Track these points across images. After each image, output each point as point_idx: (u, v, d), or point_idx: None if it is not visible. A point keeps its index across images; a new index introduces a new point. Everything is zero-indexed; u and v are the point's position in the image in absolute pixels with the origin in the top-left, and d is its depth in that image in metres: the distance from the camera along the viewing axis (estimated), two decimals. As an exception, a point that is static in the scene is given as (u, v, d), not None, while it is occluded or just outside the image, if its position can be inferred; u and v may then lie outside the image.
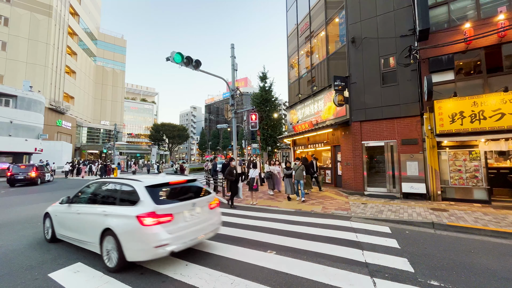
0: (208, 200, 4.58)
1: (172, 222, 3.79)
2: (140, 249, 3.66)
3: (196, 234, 4.11)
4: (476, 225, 5.72)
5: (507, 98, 7.31)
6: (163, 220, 3.70)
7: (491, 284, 3.29)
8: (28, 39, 31.90)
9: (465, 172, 8.37)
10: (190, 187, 4.61)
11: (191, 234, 4.02)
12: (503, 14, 7.84)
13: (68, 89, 38.70)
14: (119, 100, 56.13)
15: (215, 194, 4.98)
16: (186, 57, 8.96)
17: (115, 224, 3.81)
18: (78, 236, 4.55)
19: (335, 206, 8.14)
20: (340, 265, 3.87)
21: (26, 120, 23.57)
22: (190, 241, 4.01)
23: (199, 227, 4.18)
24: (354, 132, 10.57)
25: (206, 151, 72.41)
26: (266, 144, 23.38)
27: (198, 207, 4.31)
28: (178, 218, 3.91)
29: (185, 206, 4.09)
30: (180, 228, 3.87)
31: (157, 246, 3.57)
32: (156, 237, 3.59)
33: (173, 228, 3.78)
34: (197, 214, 4.24)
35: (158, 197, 3.92)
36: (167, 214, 3.77)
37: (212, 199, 4.69)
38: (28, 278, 3.69)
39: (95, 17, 52.88)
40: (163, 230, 3.66)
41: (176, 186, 4.39)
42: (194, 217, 4.17)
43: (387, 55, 9.99)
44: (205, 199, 4.51)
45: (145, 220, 3.60)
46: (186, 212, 4.07)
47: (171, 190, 4.26)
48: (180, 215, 3.97)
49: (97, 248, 4.08)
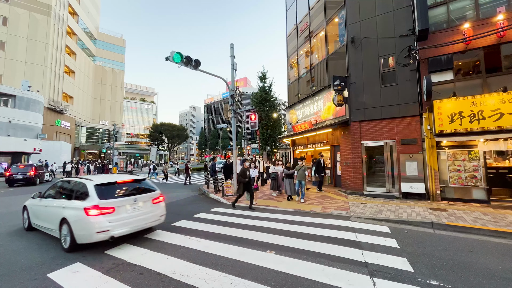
0: (151, 196, 5.42)
1: (113, 213, 4.65)
2: (85, 234, 4.50)
3: (137, 223, 4.98)
4: (475, 224, 5.73)
5: (506, 98, 7.33)
6: (105, 211, 4.57)
7: (490, 284, 3.30)
8: (27, 38, 31.81)
9: (464, 172, 8.39)
10: (135, 185, 5.47)
11: (132, 223, 4.88)
12: (502, 14, 7.86)
13: (67, 89, 38.61)
14: (118, 100, 56.05)
15: (158, 190, 5.86)
16: (186, 57, 8.96)
17: (69, 214, 4.72)
18: (45, 225, 5.42)
19: (334, 206, 8.14)
20: (339, 265, 3.87)
21: (25, 120, 23.50)
22: (131, 229, 4.85)
23: (140, 218, 5.02)
24: (353, 132, 10.57)
25: (205, 151, 72.37)
26: (266, 144, 23.39)
27: (141, 202, 5.15)
28: (120, 210, 4.77)
29: (127, 200, 4.94)
30: (121, 218, 4.73)
31: (98, 232, 4.45)
32: (98, 224, 4.46)
33: (114, 218, 4.64)
34: (139, 207, 5.09)
35: (103, 193, 4.78)
36: (109, 207, 4.64)
37: (156, 195, 5.55)
38: (26, 278, 3.68)
39: (94, 17, 52.77)
40: (105, 219, 4.53)
41: (122, 184, 5.25)
42: (136, 209, 5.01)
43: (387, 55, 10.00)
44: (148, 195, 5.37)
45: (90, 211, 4.48)
46: (128, 205, 4.93)
47: (117, 188, 5.09)
48: (122, 208, 4.82)
49: (58, 233, 4.95)
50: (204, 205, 9.09)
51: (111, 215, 4.63)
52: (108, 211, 4.62)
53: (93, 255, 4.49)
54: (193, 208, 8.66)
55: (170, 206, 9.01)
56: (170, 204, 9.52)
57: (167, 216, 7.40)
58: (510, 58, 8.06)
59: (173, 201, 10.04)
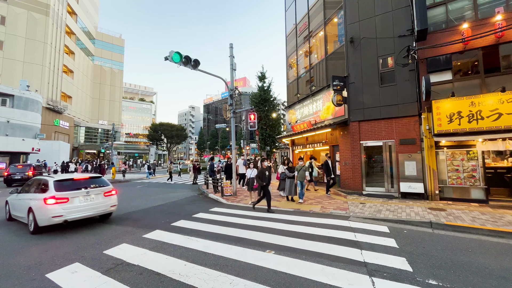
0: (103, 190, 6.59)
1: (67, 202, 5.84)
2: (44, 218, 5.66)
3: (89, 211, 6.16)
4: (473, 224, 5.75)
5: (505, 98, 7.36)
6: (60, 201, 5.76)
7: (488, 283, 3.31)
8: (25, 38, 31.68)
9: (462, 172, 8.42)
10: (91, 181, 6.65)
11: (84, 211, 6.07)
12: (501, 15, 7.88)
13: (65, 89, 38.48)
14: (117, 99, 55.91)
15: (111, 185, 6.94)
16: (185, 57, 8.95)
17: (33, 204, 5.87)
18: (19, 214, 6.58)
19: (333, 206, 8.15)
20: (338, 265, 3.88)
21: (23, 119, 23.41)
22: (83, 215, 6.05)
23: (92, 207, 6.21)
24: (352, 132, 10.59)
25: (204, 151, 72.31)
26: (265, 144, 23.40)
27: (93, 194, 6.32)
28: (74, 200, 5.97)
29: (80, 193, 6.11)
30: (74, 207, 5.92)
31: (54, 216, 5.64)
32: (53, 211, 5.65)
33: (68, 206, 5.83)
34: (91, 199, 6.26)
35: (60, 187, 5.99)
36: (64, 197, 5.84)
37: (108, 189, 6.68)
38: (25, 278, 3.66)
39: (93, 16, 52.62)
40: (59, 207, 5.72)
41: (78, 180, 6.45)
42: (88, 200, 6.20)
43: (386, 55, 10.02)
44: (100, 189, 6.54)
45: (47, 201, 5.68)
46: (81, 197, 6.11)
47: (72, 183, 6.28)
48: (76, 199, 6.01)
49: (26, 220, 6.12)
50: (203, 205, 9.08)
51: (66, 204, 5.82)
52: (63, 200, 5.80)
53: (92, 255, 4.48)
54: (192, 208, 8.65)
55: (169, 206, 9.02)
56: (169, 204, 9.52)
57: (167, 216, 7.43)
58: (509, 58, 8.09)
59: (172, 201, 10.04)
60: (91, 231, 6.00)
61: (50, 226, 5.83)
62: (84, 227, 6.40)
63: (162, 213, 7.93)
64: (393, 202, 8.60)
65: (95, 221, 6.96)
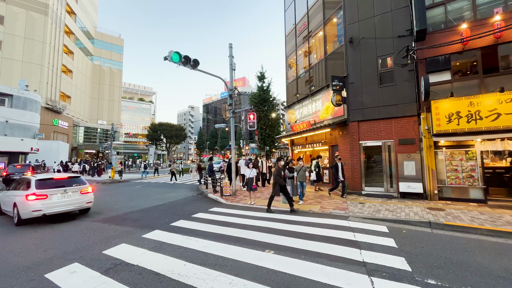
0: (80, 188, 7.37)
1: (46, 199, 6.63)
2: (25, 212, 6.46)
3: (66, 207, 6.94)
4: (472, 224, 5.77)
5: (503, 99, 7.38)
6: (40, 197, 6.55)
7: (487, 283, 3.32)
8: (24, 37, 31.56)
9: (461, 172, 8.44)
10: (69, 180, 7.41)
11: (61, 206, 6.85)
12: (499, 15, 7.91)
13: (64, 88, 38.36)
14: (116, 99, 55.75)
15: (88, 184, 7.75)
16: (184, 57, 8.94)
17: (17, 200, 6.70)
18: (7, 208, 7.45)
19: (333, 206, 8.16)
20: (338, 265, 3.88)
21: (22, 119, 23.32)
22: (60, 210, 6.84)
23: (69, 203, 7.00)
24: (351, 132, 10.60)
25: (204, 151, 72.25)
26: (264, 144, 23.39)
27: (70, 192, 7.12)
28: (52, 197, 6.75)
29: (58, 190, 6.89)
30: (52, 203, 6.70)
31: (34, 211, 6.44)
32: (33, 206, 6.45)
33: (47, 202, 6.62)
34: (68, 196, 7.05)
35: (41, 185, 6.78)
36: (43, 194, 6.61)
37: (84, 188, 7.47)
38: (24, 279, 3.66)
39: (92, 16, 52.49)
40: (39, 203, 6.51)
41: (58, 180, 7.26)
42: (65, 197, 6.99)
43: (385, 55, 10.04)
44: (77, 187, 7.33)
45: (28, 197, 6.48)
46: (59, 194, 6.89)
47: (52, 182, 7.07)
48: (54, 195, 6.79)
49: (12, 213, 6.97)
50: (203, 205, 9.08)
51: (45, 200, 6.61)
52: (42, 197, 6.59)
53: (91, 255, 4.48)
54: (192, 208, 8.65)
55: (168, 206, 9.01)
56: (168, 204, 9.51)
57: (166, 216, 7.43)
58: (507, 58, 8.11)
59: (171, 201, 10.03)
60: (90, 231, 5.99)
61: (32, 219, 6.67)
62: (83, 227, 6.40)
63: (161, 213, 7.92)
64: (392, 202, 8.62)
65: (95, 221, 6.96)
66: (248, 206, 8.67)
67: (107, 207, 9.07)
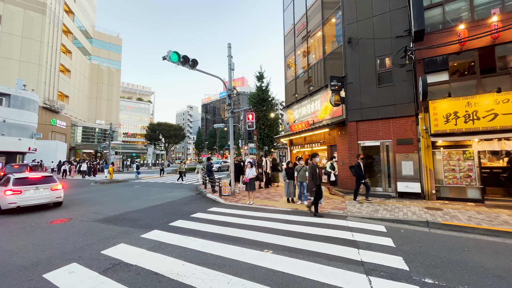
0: (50, 185, 8.77)
1: (21, 194, 8.11)
2: (3, 204, 7.99)
3: (37, 200, 8.40)
4: (469, 223, 5.80)
5: (500, 99, 7.43)
6: (15, 193, 8.04)
7: (484, 282, 3.35)
8: (21, 37, 31.42)
9: (459, 172, 8.49)
10: (42, 179, 8.85)
11: (34, 200, 8.32)
12: (497, 16, 7.96)
13: (62, 88, 38.23)
14: (114, 99, 55.63)
15: (58, 182, 9.11)
16: (183, 56, 8.94)
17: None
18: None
19: (331, 206, 8.18)
20: (336, 264, 3.90)
21: (20, 119, 23.20)
22: (33, 203, 8.31)
23: (40, 198, 8.47)
24: (350, 132, 10.63)
25: (202, 150, 72.15)
26: (263, 144, 23.39)
27: (42, 188, 8.56)
28: (26, 192, 8.20)
29: (30, 187, 8.34)
30: (26, 197, 8.17)
31: (10, 203, 7.93)
32: (10, 199, 7.95)
33: (21, 196, 8.11)
34: (40, 192, 8.50)
35: (17, 183, 8.32)
36: (18, 190, 8.11)
37: (54, 185, 8.88)
38: (22, 279, 3.65)
39: (90, 15, 52.31)
40: (14, 197, 8.00)
41: (32, 178, 8.67)
42: (37, 193, 8.44)
43: (383, 56, 10.07)
44: (48, 185, 8.73)
45: (6, 192, 7.99)
46: (32, 190, 8.34)
47: (27, 180, 8.53)
48: (28, 191, 8.24)
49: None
50: (202, 205, 9.08)
51: (20, 195, 8.10)
52: (17, 192, 8.09)
53: (89, 255, 4.47)
54: (190, 208, 8.65)
55: (167, 206, 9.00)
56: (167, 204, 9.50)
57: (164, 215, 7.43)
58: (504, 59, 8.16)
59: (170, 201, 10.02)
60: (89, 231, 5.98)
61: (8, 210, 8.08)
62: (82, 227, 6.38)
63: (160, 213, 7.91)
64: (390, 201, 8.65)
65: (93, 221, 6.96)
66: (247, 206, 8.68)
67: (105, 207, 9.06)
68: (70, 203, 9.97)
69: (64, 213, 8.17)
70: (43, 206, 8.91)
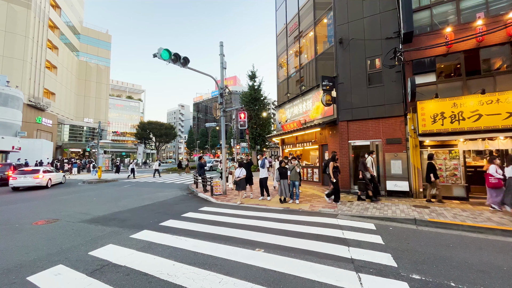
0: (34, 175, 14.03)
1: (16, 179, 13.72)
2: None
3: (26, 184, 13.84)
4: (455, 221, 5.99)
5: (484, 100, 7.69)
6: (13, 179, 13.81)
7: (468, 276, 3.46)
8: (4, 31, 30.18)
9: (445, 170, 8.74)
10: (30, 171, 14.35)
11: (24, 183, 13.79)
12: (481, 20, 8.23)
13: (48, 85, 37.01)
14: (103, 97, 54.26)
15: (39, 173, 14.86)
16: (174, 54, 8.81)
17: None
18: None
19: (322, 204, 8.27)
20: (327, 262, 3.94)
21: (3, 116, 22.36)
22: (22, 185, 13.85)
23: (27, 182, 13.86)
24: (341, 132, 10.77)
25: (194, 150, 71.53)
26: (255, 143, 23.40)
27: (29, 177, 13.92)
28: (19, 178, 13.78)
29: (23, 176, 13.90)
30: (19, 181, 13.74)
31: (10, 185, 13.80)
32: (11, 182, 13.78)
33: (17, 181, 13.72)
34: (27, 178, 13.89)
35: (15, 172, 14.39)
36: (14, 176, 13.85)
37: (36, 175, 14.07)
38: (4, 282, 3.51)
39: (78, 11, 50.82)
40: (13, 180, 13.75)
41: (25, 171, 14.41)
42: (26, 179, 13.87)
43: (373, 57, 10.24)
44: (33, 174, 14.06)
45: (10, 178, 14.11)
46: (23, 177, 13.84)
47: (22, 171, 14.38)
48: (20, 177, 13.81)
49: None
50: (193, 204, 9.00)
51: (16, 179, 13.62)
52: (14, 178, 13.63)
53: (76, 256, 4.35)
54: (181, 207, 8.55)
55: (158, 206, 8.87)
56: (158, 203, 9.37)
57: (155, 215, 7.33)
58: (488, 61, 8.46)
59: (160, 201, 9.88)
60: (76, 232, 5.82)
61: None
62: (68, 228, 6.21)
63: (150, 212, 7.79)
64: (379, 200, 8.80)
65: (81, 222, 6.78)
66: (239, 205, 8.65)
67: (93, 207, 8.84)
68: (56, 203, 9.68)
69: (49, 213, 7.92)
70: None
